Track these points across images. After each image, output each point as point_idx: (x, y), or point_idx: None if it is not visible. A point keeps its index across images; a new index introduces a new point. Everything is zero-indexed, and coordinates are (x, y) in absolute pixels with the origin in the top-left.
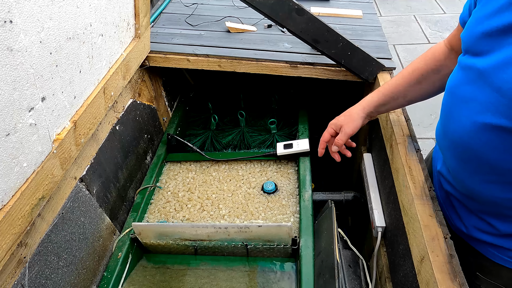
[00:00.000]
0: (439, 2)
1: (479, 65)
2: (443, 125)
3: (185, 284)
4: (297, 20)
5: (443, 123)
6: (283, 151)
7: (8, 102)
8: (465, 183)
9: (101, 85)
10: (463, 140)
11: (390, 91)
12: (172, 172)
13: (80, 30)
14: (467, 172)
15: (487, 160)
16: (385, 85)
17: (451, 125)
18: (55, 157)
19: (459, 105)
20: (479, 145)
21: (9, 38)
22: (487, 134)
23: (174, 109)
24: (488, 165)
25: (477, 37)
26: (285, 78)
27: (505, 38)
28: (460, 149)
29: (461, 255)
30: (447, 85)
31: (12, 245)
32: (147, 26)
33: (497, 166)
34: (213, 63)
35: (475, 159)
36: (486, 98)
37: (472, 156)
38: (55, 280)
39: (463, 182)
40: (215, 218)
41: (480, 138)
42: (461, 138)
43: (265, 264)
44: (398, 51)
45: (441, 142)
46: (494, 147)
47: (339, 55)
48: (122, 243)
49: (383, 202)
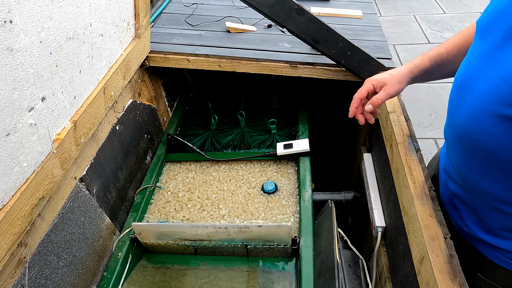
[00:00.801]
0: (439, 2)
1: (484, 47)
2: (449, 115)
3: (185, 284)
4: (297, 20)
5: (449, 113)
6: (283, 151)
7: (8, 102)
8: (466, 174)
9: (101, 85)
10: (466, 128)
11: (440, 57)
12: (172, 172)
13: (80, 30)
14: (468, 162)
15: (488, 149)
16: (434, 50)
17: (455, 114)
18: (55, 157)
19: (464, 93)
20: (480, 133)
21: (9, 38)
22: (490, 122)
23: (174, 109)
24: (489, 154)
25: (489, 16)
26: (285, 78)
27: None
28: (462, 138)
29: (462, 255)
30: (456, 75)
31: (12, 245)
32: (147, 26)
33: (497, 156)
34: (213, 63)
35: (476, 148)
36: (489, 85)
37: (473, 145)
38: (55, 280)
39: (464, 174)
40: (215, 218)
41: (481, 126)
42: (463, 126)
43: (265, 264)
44: (398, 51)
45: (446, 134)
46: (495, 135)
47: (339, 55)
48: (122, 243)
49: (383, 202)
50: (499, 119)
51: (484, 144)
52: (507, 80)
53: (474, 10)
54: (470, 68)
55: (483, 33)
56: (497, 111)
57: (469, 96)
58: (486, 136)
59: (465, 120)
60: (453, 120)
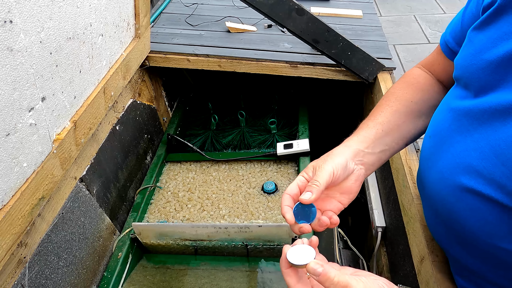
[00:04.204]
0: (439, 2)
1: (479, 108)
2: (421, 170)
3: (185, 284)
4: (297, 20)
5: (421, 168)
6: (283, 151)
7: (8, 102)
8: (444, 245)
9: (101, 85)
10: (441, 196)
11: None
12: (172, 172)
13: (80, 30)
14: (446, 234)
15: (467, 227)
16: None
17: (429, 174)
18: (55, 157)
19: (443, 156)
20: (460, 209)
21: (9, 38)
22: (474, 202)
23: (174, 109)
24: (469, 232)
25: (483, 67)
26: (285, 78)
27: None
28: (436, 205)
29: None
30: (431, 124)
31: (12, 245)
32: (147, 26)
33: (479, 237)
34: (213, 63)
35: (453, 221)
36: (481, 160)
37: (449, 217)
38: (55, 280)
39: (442, 244)
40: (215, 218)
41: (461, 202)
42: (438, 194)
43: (265, 264)
44: (398, 51)
45: (419, 191)
46: (480, 217)
47: (339, 55)
48: (122, 243)
49: (383, 202)
50: (489, 203)
51: (465, 223)
52: (500, 156)
53: None
54: (451, 121)
55: (475, 88)
56: (487, 195)
57: (450, 162)
58: (469, 215)
59: (442, 189)
60: (426, 180)
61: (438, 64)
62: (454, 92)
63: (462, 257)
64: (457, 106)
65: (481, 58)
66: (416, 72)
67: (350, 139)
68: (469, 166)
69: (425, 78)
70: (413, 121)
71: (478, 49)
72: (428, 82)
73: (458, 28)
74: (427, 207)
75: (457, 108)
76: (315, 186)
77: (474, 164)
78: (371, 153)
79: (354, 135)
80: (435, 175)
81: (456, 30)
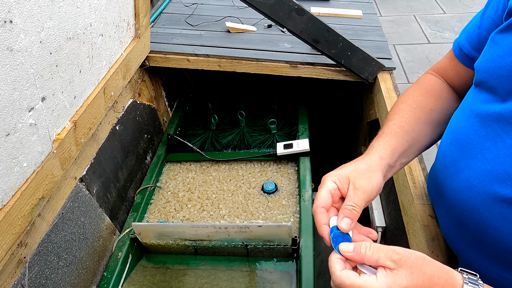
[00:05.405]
0: (439, 2)
1: (504, 108)
2: (440, 179)
3: (185, 284)
4: (297, 20)
5: (441, 177)
6: (283, 151)
7: (8, 102)
8: (459, 250)
9: (101, 85)
10: (468, 206)
11: (403, 132)
12: (172, 172)
13: (80, 30)
14: (464, 240)
15: (498, 237)
16: (390, 127)
17: (452, 183)
18: (55, 157)
19: (471, 163)
20: (492, 219)
21: (9, 38)
22: (507, 209)
23: (174, 109)
24: (501, 243)
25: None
26: (285, 78)
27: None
28: (461, 215)
29: None
30: (451, 130)
31: (12, 245)
32: (147, 26)
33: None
34: (213, 63)
35: (481, 230)
36: (510, 158)
37: (477, 227)
38: (55, 280)
39: (456, 248)
40: (215, 218)
41: (493, 212)
42: (465, 203)
43: (265, 264)
44: (398, 51)
45: (434, 198)
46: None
47: (339, 55)
48: (122, 243)
49: (383, 202)
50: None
51: (494, 232)
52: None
53: (474, 10)
54: (477, 127)
55: (504, 91)
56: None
57: (479, 169)
58: (500, 224)
59: (470, 198)
60: (449, 189)
61: (452, 70)
62: (477, 97)
63: (483, 265)
64: (485, 111)
65: (511, 60)
66: (431, 79)
67: (382, 148)
68: (504, 174)
69: (441, 85)
70: (432, 130)
71: (507, 51)
72: (445, 90)
73: (475, 33)
74: (447, 216)
75: (484, 113)
76: (355, 213)
77: (510, 171)
78: (394, 166)
79: (384, 142)
80: (461, 184)
81: (472, 35)
